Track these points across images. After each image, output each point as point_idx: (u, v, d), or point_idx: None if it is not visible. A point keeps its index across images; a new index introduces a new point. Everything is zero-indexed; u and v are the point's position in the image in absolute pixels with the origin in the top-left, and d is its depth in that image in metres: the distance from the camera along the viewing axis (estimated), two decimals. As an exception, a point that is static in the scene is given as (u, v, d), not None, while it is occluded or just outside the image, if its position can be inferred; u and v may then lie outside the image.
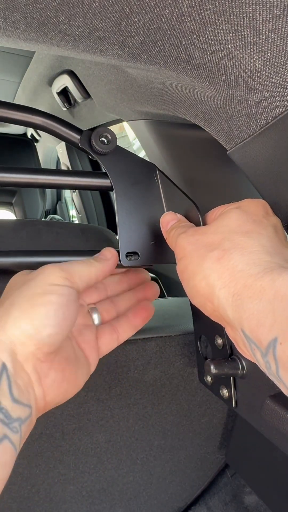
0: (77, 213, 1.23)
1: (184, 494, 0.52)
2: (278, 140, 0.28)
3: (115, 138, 0.33)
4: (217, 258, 0.24)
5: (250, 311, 0.21)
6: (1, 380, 0.23)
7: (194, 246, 0.27)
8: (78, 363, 0.30)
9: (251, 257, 0.23)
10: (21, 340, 0.24)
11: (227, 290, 0.23)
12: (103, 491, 0.45)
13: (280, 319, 0.19)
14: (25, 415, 0.24)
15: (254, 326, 0.21)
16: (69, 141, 0.34)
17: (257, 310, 0.20)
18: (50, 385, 0.26)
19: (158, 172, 0.36)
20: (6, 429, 0.22)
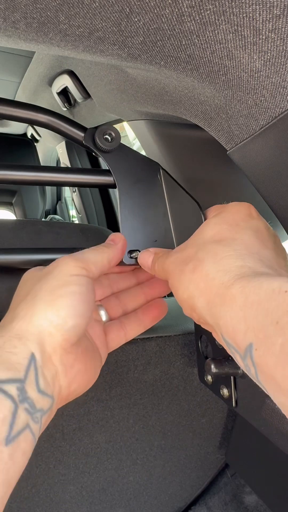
0: (77, 213, 1.23)
1: (184, 494, 0.52)
2: (278, 140, 0.28)
3: (119, 135, 0.33)
4: (193, 269, 0.24)
5: (224, 318, 0.21)
6: (29, 371, 0.23)
7: (174, 264, 0.27)
8: (95, 354, 0.30)
9: (222, 264, 0.23)
10: (50, 331, 0.25)
11: (204, 299, 0.23)
12: (103, 491, 0.45)
13: (252, 325, 0.19)
14: (47, 406, 0.24)
15: (230, 332, 0.21)
16: (73, 138, 0.34)
17: (230, 317, 0.21)
18: (75, 376, 0.27)
19: (161, 171, 0.36)
20: (29, 418, 0.22)
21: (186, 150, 0.51)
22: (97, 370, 0.30)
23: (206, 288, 0.23)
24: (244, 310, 0.20)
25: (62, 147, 1.12)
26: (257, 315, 0.19)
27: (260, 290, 0.19)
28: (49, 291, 0.26)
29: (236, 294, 0.21)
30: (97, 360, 0.30)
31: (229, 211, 0.28)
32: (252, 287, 0.20)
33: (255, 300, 0.19)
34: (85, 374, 0.28)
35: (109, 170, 0.34)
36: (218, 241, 0.25)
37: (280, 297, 0.18)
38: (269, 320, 0.18)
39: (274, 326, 0.17)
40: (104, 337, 0.33)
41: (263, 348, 0.18)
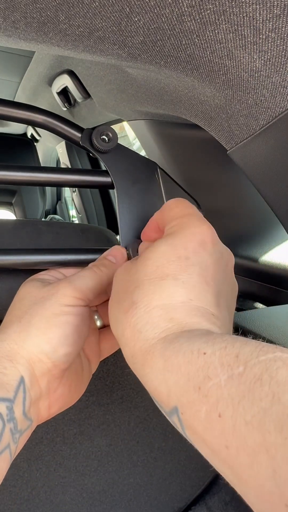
0: (77, 213, 1.23)
1: (184, 494, 0.52)
2: (278, 139, 0.28)
3: (116, 136, 0.33)
4: (125, 311, 0.23)
5: (145, 377, 0.20)
6: (18, 392, 0.24)
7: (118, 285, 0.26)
8: (83, 373, 0.30)
9: (152, 316, 0.22)
10: (39, 358, 0.25)
11: (127, 349, 0.22)
12: (103, 493, 0.45)
13: (174, 390, 0.18)
14: (25, 427, 0.24)
15: (152, 391, 0.20)
16: (70, 139, 0.34)
17: (151, 378, 0.20)
18: (57, 399, 0.27)
19: (159, 170, 0.36)
20: (11, 439, 0.23)
21: (186, 150, 0.51)
22: (83, 387, 0.30)
23: (131, 339, 0.22)
24: (164, 374, 0.19)
25: (62, 147, 1.12)
26: (178, 379, 0.18)
27: (179, 353, 0.19)
28: (44, 319, 0.26)
29: (157, 356, 0.20)
30: (85, 377, 0.30)
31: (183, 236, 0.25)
32: (172, 349, 0.19)
33: (174, 364, 0.18)
34: (67, 397, 0.28)
35: (107, 170, 0.34)
36: (160, 278, 0.23)
37: (200, 360, 0.17)
38: (191, 385, 0.17)
39: (197, 392, 0.17)
40: (97, 346, 0.33)
41: (189, 413, 0.17)
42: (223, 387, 0.16)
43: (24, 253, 0.32)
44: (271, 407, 0.14)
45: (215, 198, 0.55)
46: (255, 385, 0.15)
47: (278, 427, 0.13)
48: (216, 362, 0.17)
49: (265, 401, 0.14)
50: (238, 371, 0.16)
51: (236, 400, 0.15)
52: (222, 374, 0.16)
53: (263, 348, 0.16)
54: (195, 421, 0.17)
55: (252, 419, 0.14)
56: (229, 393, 0.15)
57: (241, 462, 0.14)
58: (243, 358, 0.16)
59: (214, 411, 0.16)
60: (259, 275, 0.53)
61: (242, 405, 0.15)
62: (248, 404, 0.15)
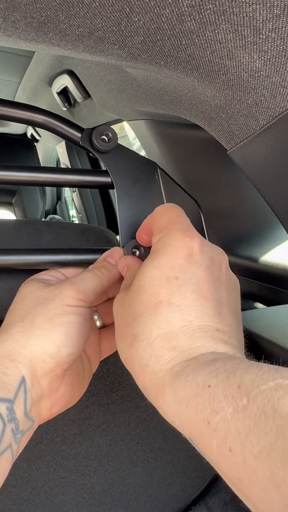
0: (77, 213, 1.23)
1: (184, 494, 0.52)
2: (278, 139, 0.28)
3: (116, 136, 0.33)
4: (130, 345, 0.23)
5: (160, 409, 0.21)
6: (19, 393, 0.24)
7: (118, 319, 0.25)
8: (84, 373, 0.30)
9: (154, 348, 0.21)
10: (43, 358, 0.25)
11: (139, 382, 0.23)
12: (103, 493, 0.45)
13: (185, 422, 0.19)
14: (27, 428, 0.24)
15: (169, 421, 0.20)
16: (70, 139, 0.34)
17: (164, 411, 0.20)
18: (59, 399, 0.27)
19: (159, 170, 0.36)
20: (12, 439, 0.23)
21: (186, 150, 0.51)
22: (84, 387, 0.30)
23: (140, 372, 0.22)
24: (176, 407, 0.19)
25: (62, 147, 1.12)
26: (188, 412, 0.18)
27: (186, 385, 0.19)
28: (48, 319, 0.26)
29: (167, 389, 0.20)
30: (86, 377, 0.31)
31: (167, 254, 0.24)
32: (179, 381, 0.19)
33: (183, 397, 0.19)
34: (69, 396, 0.28)
35: (106, 170, 0.34)
36: (154, 306, 0.22)
37: (206, 393, 0.18)
38: (200, 419, 0.17)
39: (206, 426, 0.17)
40: (97, 346, 0.33)
41: (202, 445, 0.18)
42: (229, 421, 0.16)
43: (24, 253, 0.32)
44: (276, 442, 0.14)
45: (215, 198, 0.55)
46: (259, 418, 0.15)
47: (284, 462, 0.13)
48: (220, 394, 0.17)
49: (270, 435, 0.14)
50: (242, 404, 0.16)
51: (243, 434, 0.15)
52: (227, 407, 0.16)
53: (263, 376, 0.16)
54: (209, 452, 0.17)
55: (259, 453, 0.14)
56: (236, 427, 0.16)
57: (255, 495, 0.15)
58: (245, 388, 0.16)
59: (224, 445, 0.16)
60: (259, 275, 0.53)
61: (249, 440, 0.15)
62: (254, 438, 0.15)
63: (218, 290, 0.24)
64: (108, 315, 0.34)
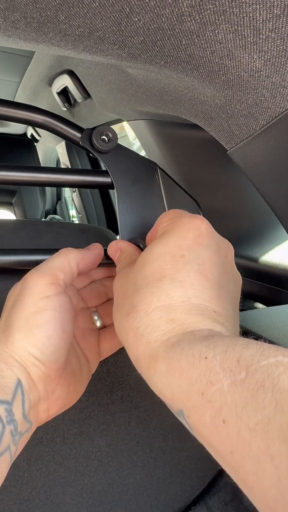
0: (77, 213, 1.23)
1: (184, 494, 0.52)
2: (278, 139, 0.28)
3: (116, 136, 0.33)
4: (126, 315, 0.23)
5: (150, 380, 0.21)
6: (17, 395, 0.24)
7: (118, 291, 0.26)
8: (81, 374, 0.30)
9: (152, 318, 0.21)
10: (31, 361, 0.25)
11: (132, 353, 0.22)
12: (103, 493, 0.45)
13: (178, 394, 0.18)
14: (25, 430, 0.24)
15: (158, 393, 0.20)
16: (70, 139, 0.34)
17: (155, 382, 0.20)
18: (55, 401, 0.27)
19: (158, 170, 0.36)
20: (11, 441, 0.23)
21: (186, 150, 0.51)
22: (82, 388, 0.30)
23: (134, 342, 0.22)
24: (168, 378, 0.19)
25: (62, 147, 1.12)
26: (181, 383, 0.18)
27: (181, 357, 0.19)
28: (24, 319, 0.25)
29: (160, 359, 0.20)
30: (84, 377, 0.30)
31: (176, 234, 0.24)
32: (174, 352, 0.19)
33: (177, 368, 0.18)
34: (66, 398, 0.28)
35: (106, 170, 0.34)
36: (157, 280, 0.23)
37: (202, 364, 0.17)
38: (194, 390, 0.17)
39: (201, 398, 0.17)
40: (96, 346, 0.32)
41: (194, 417, 0.17)
42: (226, 393, 0.16)
43: (24, 253, 0.32)
44: (274, 416, 0.14)
45: (215, 198, 0.55)
46: (257, 392, 0.15)
47: (282, 436, 0.13)
48: (217, 366, 0.17)
49: (269, 409, 0.14)
50: (241, 377, 0.16)
51: (239, 407, 0.15)
52: (225, 380, 0.16)
53: (264, 352, 0.16)
54: (200, 425, 0.17)
55: (256, 426, 0.14)
56: (232, 399, 0.15)
57: (246, 468, 0.14)
58: (244, 363, 0.16)
59: (218, 416, 0.16)
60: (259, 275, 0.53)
61: (245, 412, 0.15)
62: (251, 411, 0.15)
63: (220, 276, 0.24)
64: (108, 316, 0.34)
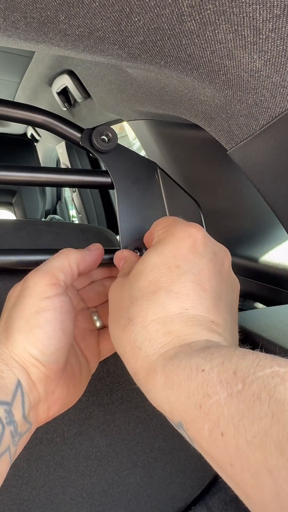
0: (77, 213, 1.23)
1: (184, 494, 0.52)
2: (278, 139, 0.28)
3: (115, 136, 0.33)
4: (123, 328, 0.23)
5: (149, 394, 0.20)
6: (16, 396, 0.24)
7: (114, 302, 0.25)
8: (81, 374, 0.30)
9: (149, 331, 0.21)
10: (31, 362, 0.25)
11: (130, 366, 0.22)
12: (103, 493, 0.45)
13: (176, 407, 0.18)
14: (24, 430, 0.24)
15: (157, 406, 0.20)
16: (70, 139, 0.34)
17: (154, 395, 0.20)
18: (55, 402, 0.27)
19: (158, 170, 0.36)
20: (11, 441, 0.23)
21: (186, 150, 0.51)
22: (82, 388, 0.30)
23: (132, 356, 0.22)
24: (166, 391, 0.19)
25: (62, 147, 1.12)
26: (179, 396, 0.18)
27: (179, 369, 0.19)
28: (24, 320, 0.25)
29: (158, 373, 0.20)
30: (81, 383, 0.30)
31: (171, 244, 0.24)
32: (171, 365, 0.19)
33: (175, 381, 0.18)
34: (66, 399, 0.28)
35: (106, 170, 0.34)
36: (153, 292, 0.22)
37: (199, 377, 0.17)
38: (192, 403, 0.17)
39: (198, 410, 0.17)
40: (96, 347, 0.32)
41: (193, 430, 0.17)
42: (223, 406, 0.16)
43: (24, 253, 0.32)
44: (271, 428, 0.14)
45: (215, 198, 0.55)
46: (254, 403, 0.15)
47: (278, 449, 0.13)
48: (214, 379, 0.17)
49: (265, 421, 0.14)
50: (237, 389, 0.16)
51: (236, 419, 0.15)
52: (222, 392, 0.16)
53: (260, 363, 0.16)
54: (200, 438, 0.17)
55: (253, 439, 0.14)
56: (229, 412, 0.15)
57: (246, 481, 0.14)
58: (240, 374, 0.16)
59: (216, 429, 0.16)
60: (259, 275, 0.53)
61: (242, 424, 0.15)
62: (248, 423, 0.15)
63: (217, 284, 0.24)
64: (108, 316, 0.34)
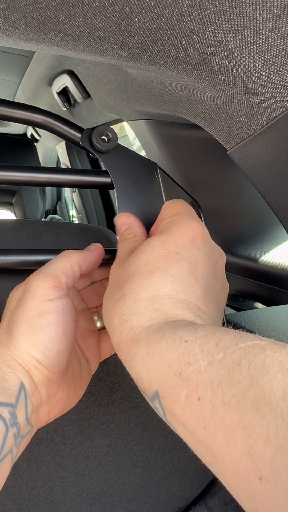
0: (77, 213, 1.23)
1: (184, 494, 0.52)
2: (278, 139, 0.28)
3: (115, 136, 0.33)
4: (115, 301, 0.24)
5: (129, 363, 0.21)
6: (20, 397, 0.24)
7: (113, 279, 0.26)
8: (82, 375, 0.30)
9: (139, 306, 0.22)
10: (34, 365, 0.25)
11: (115, 337, 0.23)
12: (103, 493, 0.45)
13: (155, 375, 0.19)
14: (27, 432, 0.24)
15: (135, 377, 0.21)
16: (70, 139, 0.34)
17: (134, 364, 0.21)
18: (56, 403, 0.27)
19: (158, 170, 0.36)
20: (13, 443, 0.23)
21: (186, 150, 0.51)
22: (80, 393, 0.30)
23: (118, 327, 0.23)
24: (147, 360, 0.20)
25: (62, 147, 1.12)
26: (160, 365, 0.19)
27: (162, 340, 0.19)
28: (27, 322, 0.25)
29: (140, 343, 0.20)
30: (82, 384, 0.30)
31: (175, 233, 0.25)
32: (155, 337, 0.20)
33: (157, 350, 0.19)
34: (66, 400, 0.28)
35: (106, 170, 0.34)
36: (150, 271, 0.24)
37: (181, 347, 0.18)
38: (172, 371, 0.18)
39: (178, 378, 0.17)
40: (97, 347, 0.32)
41: (169, 397, 0.18)
42: (203, 372, 0.16)
43: (24, 253, 0.32)
44: (249, 389, 0.14)
45: (215, 198, 0.55)
46: (233, 369, 0.15)
47: (255, 407, 0.14)
48: (196, 349, 0.17)
49: (243, 384, 0.15)
50: (218, 358, 0.16)
51: (215, 384, 0.16)
52: (203, 360, 0.17)
53: (242, 337, 0.17)
54: (175, 405, 0.17)
55: (230, 400, 0.15)
56: (208, 378, 0.16)
57: (218, 441, 0.15)
58: (223, 345, 0.17)
59: (194, 394, 0.16)
60: (259, 275, 0.53)
61: (221, 388, 0.15)
62: (227, 387, 0.15)
63: (209, 279, 0.25)
64: None
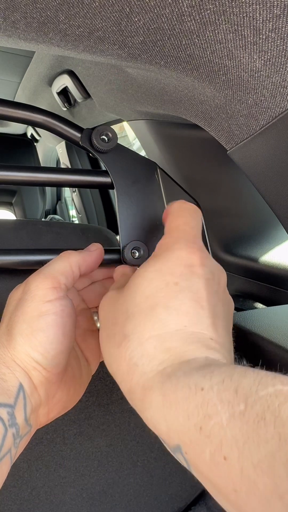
0: (77, 213, 1.23)
1: (184, 494, 0.52)
2: (278, 139, 0.28)
3: (115, 136, 0.33)
4: (118, 344, 0.22)
5: (145, 413, 0.20)
6: (19, 398, 0.24)
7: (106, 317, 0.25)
8: (81, 376, 0.30)
9: (146, 347, 0.21)
10: (33, 366, 0.25)
11: (125, 384, 0.22)
12: (103, 493, 0.45)
13: (174, 428, 0.17)
14: (25, 432, 0.24)
15: (153, 428, 0.19)
16: (70, 139, 0.34)
17: (150, 415, 0.19)
18: (55, 404, 0.27)
19: (158, 170, 0.36)
20: (12, 443, 0.23)
21: (186, 150, 0.51)
22: (80, 394, 0.30)
23: (127, 373, 0.21)
24: (163, 411, 0.18)
25: (62, 147, 1.12)
26: (177, 417, 0.17)
27: (177, 388, 0.18)
28: (26, 323, 0.25)
29: (155, 391, 0.19)
30: (81, 385, 0.30)
31: (169, 261, 0.23)
32: (169, 384, 0.18)
33: (172, 400, 0.18)
34: (66, 401, 0.28)
35: (106, 170, 0.34)
36: (150, 308, 0.22)
37: (198, 396, 0.17)
38: (191, 424, 0.16)
39: (199, 432, 0.16)
40: (97, 348, 0.32)
41: (192, 453, 0.16)
42: (225, 427, 0.15)
43: (24, 253, 0.32)
44: (279, 450, 0.13)
45: (215, 198, 0.55)
46: (258, 425, 0.14)
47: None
48: (215, 398, 0.16)
49: (272, 443, 0.13)
50: (239, 410, 0.15)
51: (240, 442, 0.14)
52: (223, 413, 0.15)
53: (262, 381, 0.16)
54: (200, 462, 0.16)
55: (260, 463, 0.13)
56: (232, 434, 0.15)
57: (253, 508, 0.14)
58: (242, 393, 0.15)
59: (219, 453, 0.15)
60: (259, 275, 0.53)
61: (247, 447, 0.14)
62: (254, 446, 0.14)
63: (215, 303, 0.23)
64: None
